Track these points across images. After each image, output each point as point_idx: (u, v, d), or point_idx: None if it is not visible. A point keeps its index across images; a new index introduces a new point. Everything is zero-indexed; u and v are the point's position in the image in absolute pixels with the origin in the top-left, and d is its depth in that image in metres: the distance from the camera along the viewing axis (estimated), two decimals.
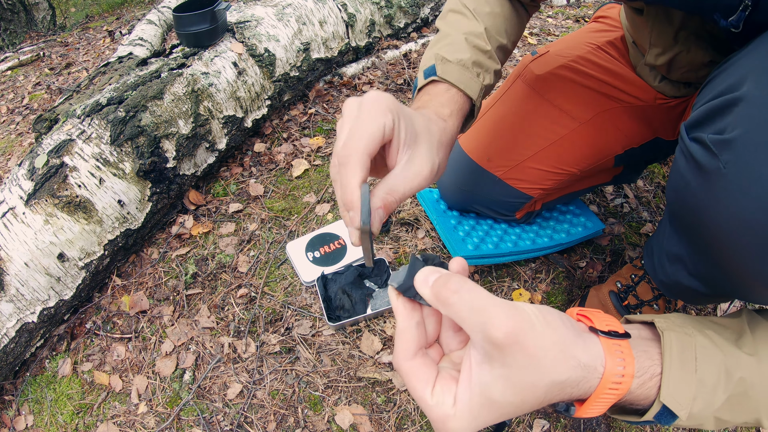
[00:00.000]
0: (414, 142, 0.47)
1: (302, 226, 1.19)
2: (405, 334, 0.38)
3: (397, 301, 0.39)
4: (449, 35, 0.65)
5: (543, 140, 0.86)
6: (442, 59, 0.60)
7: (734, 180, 0.44)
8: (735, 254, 0.47)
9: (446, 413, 0.35)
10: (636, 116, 0.84)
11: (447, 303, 0.35)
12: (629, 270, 0.94)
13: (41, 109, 1.92)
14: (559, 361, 0.35)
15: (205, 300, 1.06)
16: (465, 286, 0.35)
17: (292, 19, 1.49)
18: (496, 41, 0.67)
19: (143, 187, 1.11)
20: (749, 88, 0.43)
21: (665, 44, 0.72)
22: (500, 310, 0.33)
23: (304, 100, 1.60)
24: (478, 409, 0.34)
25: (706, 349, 0.42)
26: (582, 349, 0.37)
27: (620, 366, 0.38)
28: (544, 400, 0.36)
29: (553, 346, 0.35)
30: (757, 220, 0.42)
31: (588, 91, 0.84)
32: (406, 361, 0.38)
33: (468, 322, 0.34)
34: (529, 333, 0.34)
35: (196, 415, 0.88)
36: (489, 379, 0.34)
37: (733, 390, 0.41)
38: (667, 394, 0.40)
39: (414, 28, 1.98)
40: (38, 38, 2.88)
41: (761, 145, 0.41)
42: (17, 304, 0.93)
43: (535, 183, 0.89)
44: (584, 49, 0.87)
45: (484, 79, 0.62)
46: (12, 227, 0.95)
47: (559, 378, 0.35)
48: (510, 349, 0.33)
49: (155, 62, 1.32)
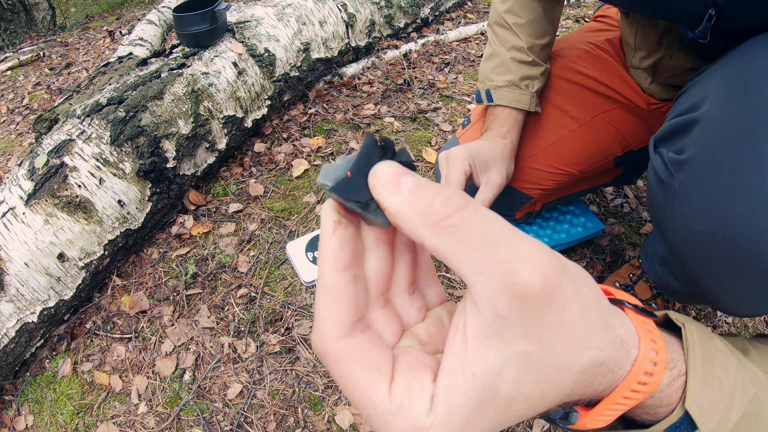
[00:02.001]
0: (487, 167, 0.73)
1: (302, 226, 1.19)
2: (334, 292, 0.22)
3: (331, 235, 0.22)
4: (498, 55, 0.81)
5: (543, 141, 0.86)
6: (495, 88, 0.79)
7: (686, 200, 0.45)
8: (689, 269, 0.48)
9: (417, 424, 0.20)
10: (635, 118, 0.84)
11: (442, 225, 0.19)
12: (627, 269, 0.95)
13: (41, 109, 1.92)
14: (599, 328, 0.23)
15: (205, 300, 1.06)
16: (471, 203, 0.20)
17: (292, 19, 1.49)
18: (539, 45, 0.79)
19: (143, 187, 1.11)
20: (707, 110, 0.44)
21: (649, 48, 0.73)
22: (532, 245, 0.20)
23: (304, 100, 1.60)
24: (473, 414, 0.20)
25: (724, 354, 0.33)
26: (617, 319, 0.26)
27: (653, 350, 0.27)
28: (570, 394, 0.23)
29: (595, 310, 0.23)
30: (702, 244, 0.43)
31: (587, 92, 0.85)
32: (337, 341, 0.21)
33: (477, 261, 0.19)
34: (570, 285, 0.21)
35: (196, 415, 0.89)
36: (500, 363, 0.20)
37: (747, 408, 0.32)
38: (692, 400, 0.30)
39: (414, 28, 1.98)
40: (38, 38, 2.88)
41: (711, 168, 0.42)
42: (17, 304, 0.93)
43: (535, 183, 0.90)
44: (584, 49, 0.87)
45: (534, 87, 0.80)
46: (12, 227, 0.95)
47: (599, 356, 0.23)
48: (543, 308, 0.20)
49: (155, 62, 1.32)
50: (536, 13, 0.78)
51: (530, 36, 0.79)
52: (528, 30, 0.79)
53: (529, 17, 0.78)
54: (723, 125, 0.41)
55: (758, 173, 0.37)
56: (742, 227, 0.38)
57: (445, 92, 1.64)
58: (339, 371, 0.21)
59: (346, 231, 0.23)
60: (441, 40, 1.90)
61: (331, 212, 0.23)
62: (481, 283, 0.19)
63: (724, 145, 0.41)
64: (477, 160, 0.71)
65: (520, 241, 0.20)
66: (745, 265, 0.39)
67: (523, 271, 0.19)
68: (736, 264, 0.40)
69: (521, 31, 0.79)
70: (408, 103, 1.59)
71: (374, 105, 1.58)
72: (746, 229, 0.38)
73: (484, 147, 0.73)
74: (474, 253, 0.19)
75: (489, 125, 0.80)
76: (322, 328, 0.22)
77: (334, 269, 0.22)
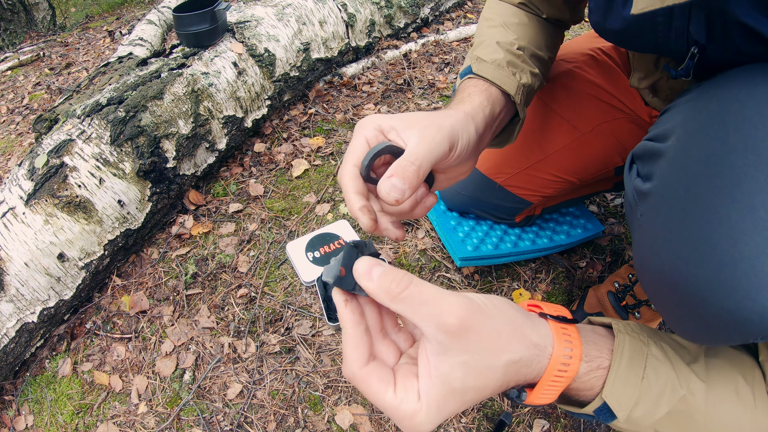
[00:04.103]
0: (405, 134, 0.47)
1: (302, 226, 1.19)
2: (355, 340, 0.38)
3: (345, 308, 0.38)
4: (483, 42, 0.66)
5: (544, 149, 0.85)
6: (477, 59, 0.62)
7: (645, 232, 0.45)
8: (646, 291, 0.49)
9: (413, 408, 0.35)
10: (637, 128, 0.82)
11: (397, 299, 0.34)
12: (627, 270, 0.95)
13: (41, 109, 1.92)
14: (512, 340, 0.37)
15: (205, 300, 1.06)
16: (413, 280, 0.35)
17: (292, 19, 1.49)
18: (529, 50, 0.67)
19: (143, 187, 1.11)
20: (671, 145, 0.44)
21: (647, 70, 0.72)
22: (451, 299, 0.35)
23: (304, 100, 1.60)
24: (442, 400, 0.35)
25: (657, 360, 0.43)
26: (531, 329, 0.39)
27: (568, 347, 0.39)
28: (504, 382, 0.37)
29: (505, 327, 0.37)
30: (654, 279, 0.44)
31: (590, 99, 0.83)
32: (361, 369, 0.37)
33: (420, 315, 0.34)
34: (481, 317, 0.35)
35: (196, 415, 0.89)
36: (448, 369, 0.34)
37: (675, 406, 0.41)
38: (610, 392, 0.41)
39: (414, 28, 1.98)
40: (38, 38, 2.88)
41: (666, 208, 0.42)
42: (17, 304, 0.93)
43: (535, 190, 0.89)
44: (589, 55, 0.85)
45: (521, 78, 0.61)
46: (12, 227, 0.95)
47: (514, 357, 0.36)
48: (465, 334, 0.34)
49: (155, 62, 1.32)
50: (530, 21, 0.70)
51: (521, 37, 0.67)
52: (520, 30, 0.68)
53: (523, 20, 0.69)
54: (681, 168, 0.41)
55: (708, 223, 0.37)
56: (692, 276, 0.38)
57: (445, 92, 1.64)
58: (365, 386, 0.37)
59: (352, 304, 0.39)
60: (441, 40, 1.90)
61: (338, 295, 0.39)
62: (426, 326, 0.34)
63: (680, 188, 0.40)
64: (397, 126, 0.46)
65: (444, 298, 0.35)
66: (694, 311, 0.39)
67: (446, 317, 0.34)
68: (684, 307, 0.40)
69: (512, 29, 0.68)
70: (408, 103, 1.59)
71: (374, 105, 1.58)
72: (695, 278, 0.38)
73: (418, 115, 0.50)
74: (418, 312, 0.34)
75: (461, 101, 0.56)
76: (351, 363, 0.37)
77: (353, 327, 0.38)
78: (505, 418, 0.80)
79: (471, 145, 0.50)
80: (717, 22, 0.43)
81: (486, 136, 0.56)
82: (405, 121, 0.46)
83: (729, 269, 0.35)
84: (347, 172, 0.44)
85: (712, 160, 0.38)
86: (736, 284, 0.35)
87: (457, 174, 0.53)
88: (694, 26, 0.45)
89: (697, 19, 0.45)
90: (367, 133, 0.45)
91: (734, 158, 0.36)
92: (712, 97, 0.42)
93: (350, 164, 0.45)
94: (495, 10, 0.72)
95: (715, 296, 0.37)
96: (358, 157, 0.45)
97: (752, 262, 0.34)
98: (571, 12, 0.72)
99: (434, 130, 0.45)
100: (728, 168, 0.37)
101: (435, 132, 0.45)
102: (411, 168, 0.42)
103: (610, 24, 0.55)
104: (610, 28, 0.55)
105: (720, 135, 0.38)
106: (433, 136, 0.45)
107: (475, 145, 0.51)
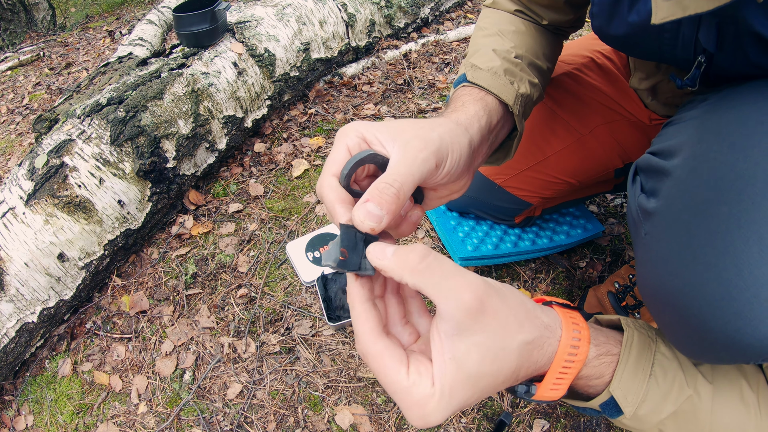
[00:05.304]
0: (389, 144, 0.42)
1: (302, 226, 1.19)
2: (367, 314, 0.36)
3: (355, 282, 0.37)
4: (479, 50, 0.62)
5: (543, 151, 0.85)
6: (472, 66, 0.57)
7: (648, 251, 0.45)
8: (647, 306, 0.48)
9: (426, 393, 0.33)
10: (636, 131, 0.82)
11: (416, 270, 0.33)
12: (627, 270, 0.95)
13: (41, 109, 1.92)
14: (524, 321, 0.36)
15: (205, 300, 1.06)
16: (432, 252, 0.34)
17: (292, 19, 1.49)
18: (527, 59, 0.63)
19: (143, 187, 1.11)
20: (679, 163, 0.43)
21: (648, 71, 0.71)
22: (470, 276, 0.34)
23: (304, 100, 1.60)
24: (457, 386, 0.33)
25: (665, 357, 0.43)
26: (541, 311, 0.39)
27: (576, 329, 0.39)
28: (517, 366, 0.36)
29: (519, 307, 0.37)
30: (655, 297, 0.44)
31: (590, 101, 0.83)
32: (374, 344, 0.35)
33: (440, 290, 0.33)
34: (496, 297, 0.35)
35: (196, 415, 0.89)
36: (463, 351, 0.33)
37: (681, 406, 0.41)
38: (617, 386, 0.41)
39: (414, 28, 1.98)
40: (38, 38, 2.88)
41: (670, 230, 0.42)
42: (17, 304, 0.93)
43: (535, 192, 0.89)
44: (589, 57, 0.85)
45: (519, 87, 0.57)
46: (12, 227, 0.95)
47: (528, 337, 0.36)
48: (482, 314, 0.33)
49: (155, 62, 1.32)
50: (528, 28, 0.68)
51: (519, 45, 0.64)
52: (516, 38, 0.65)
53: (520, 28, 0.67)
54: (689, 192, 0.41)
55: (714, 250, 0.37)
56: (695, 300, 0.38)
57: (445, 92, 1.64)
58: (376, 363, 0.35)
59: (362, 279, 0.37)
60: (441, 40, 1.90)
61: (351, 276, 0.37)
62: (445, 302, 0.33)
63: (687, 213, 0.40)
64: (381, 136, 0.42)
65: (463, 275, 0.34)
66: (695, 332, 0.39)
67: (465, 295, 0.33)
68: (685, 327, 0.40)
69: (509, 37, 0.65)
70: (408, 103, 1.59)
71: (374, 105, 1.58)
72: (698, 302, 0.38)
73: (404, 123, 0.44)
74: (438, 286, 0.33)
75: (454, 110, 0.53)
76: (362, 337, 0.36)
77: (361, 302, 0.37)
78: (505, 418, 0.80)
79: (463, 159, 0.44)
80: (728, 31, 0.42)
81: (481, 149, 0.51)
82: (389, 131, 0.41)
83: (733, 296, 0.36)
84: (327, 184, 0.39)
85: (720, 186, 0.38)
86: (739, 312, 0.35)
87: (448, 192, 0.47)
88: (704, 34, 0.44)
89: (707, 26, 0.44)
90: (349, 141, 0.41)
91: (742, 185, 0.36)
92: (720, 119, 0.41)
93: (329, 175, 0.40)
94: (490, 19, 0.68)
95: (717, 321, 0.37)
96: (339, 167, 0.40)
97: (756, 291, 0.35)
98: (573, 15, 0.70)
99: (419, 143, 0.39)
100: (736, 195, 0.37)
101: (420, 146, 0.39)
102: (389, 191, 0.36)
103: (614, 30, 0.53)
104: (613, 33, 0.54)
105: (728, 160, 0.38)
106: (418, 152, 0.38)
107: (468, 160, 0.45)
